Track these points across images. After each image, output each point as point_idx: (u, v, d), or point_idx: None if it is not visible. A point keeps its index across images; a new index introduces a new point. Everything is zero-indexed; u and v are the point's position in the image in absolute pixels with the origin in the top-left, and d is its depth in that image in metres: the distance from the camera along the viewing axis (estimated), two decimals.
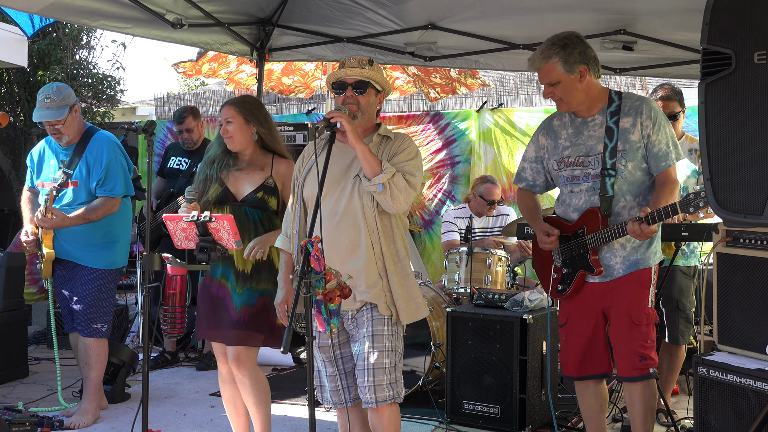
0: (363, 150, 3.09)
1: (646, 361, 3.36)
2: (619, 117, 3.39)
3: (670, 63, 5.41)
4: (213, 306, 3.76)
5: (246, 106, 3.80)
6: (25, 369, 5.77)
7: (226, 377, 3.83)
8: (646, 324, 3.37)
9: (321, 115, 8.64)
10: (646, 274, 3.41)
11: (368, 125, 3.31)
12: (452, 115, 8.19)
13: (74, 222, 4.52)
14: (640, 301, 3.39)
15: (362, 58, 3.27)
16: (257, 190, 3.75)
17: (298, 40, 5.87)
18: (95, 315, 4.66)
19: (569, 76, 3.38)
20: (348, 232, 3.15)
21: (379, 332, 3.15)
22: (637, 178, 3.40)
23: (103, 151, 4.61)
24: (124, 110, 12.76)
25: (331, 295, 2.73)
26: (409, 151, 3.22)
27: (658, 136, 3.35)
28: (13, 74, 9.79)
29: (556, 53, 3.37)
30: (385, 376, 3.14)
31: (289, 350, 6.14)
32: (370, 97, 3.26)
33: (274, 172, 3.80)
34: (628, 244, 3.40)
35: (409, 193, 3.13)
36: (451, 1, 5.02)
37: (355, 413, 3.37)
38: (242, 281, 3.72)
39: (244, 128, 3.77)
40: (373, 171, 3.08)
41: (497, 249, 5.67)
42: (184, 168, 6.10)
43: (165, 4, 4.87)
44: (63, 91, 4.54)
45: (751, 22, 2.66)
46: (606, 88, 3.51)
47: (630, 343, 3.37)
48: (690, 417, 4.33)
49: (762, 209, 2.67)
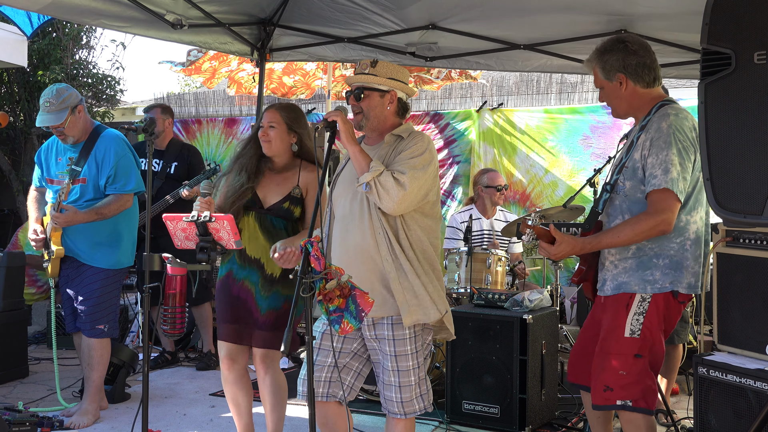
0: (353, 150, 3.09)
1: (610, 392, 3.14)
2: (641, 133, 3.18)
3: (671, 64, 5.41)
4: (234, 307, 3.75)
5: (292, 114, 3.80)
6: (25, 369, 5.76)
7: (228, 378, 3.83)
8: (617, 353, 3.14)
9: (321, 115, 8.64)
10: (625, 299, 3.18)
11: (383, 128, 3.25)
12: (452, 115, 8.20)
13: (86, 218, 4.51)
14: (615, 327, 3.18)
15: (365, 61, 3.24)
16: (284, 200, 3.75)
17: (298, 40, 5.87)
18: (100, 315, 4.66)
19: (609, 84, 3.25)
20: (354, 235, 3.13)
21: (402, 353, 3.12)
22: (638, 199, 3.18)
23: (111, 149, 4.61)
24: (124, 110, 12.75)
25: (331, 295, 2.72)
26: (413, 150, 3.11)
27: (652, 159, 3.10)
28: (13, 74, 9.79)
29: (596, 59, 3.27)
30: (413, 392, 3.15)
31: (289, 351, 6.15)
32: (371, 101, 3.21)
33: (302, 181, 3.79)
34: (619, 263, 3.22)
35: (398, 191, 2.99)
36: (451, 2, 5.02)
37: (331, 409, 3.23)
38: (269, 284, 3.72)
39: (284, 136, 3.77)
40: (361, 170, 3.08)
41: (497, 249, 5.68)
42: (158, 169, 6.02)
43: (165, 4, 4.87)
44: (63, 93, 4.52)
45: (751, 22, 2.66)
46: (659, 98, 3.24)
47: (597, 368, 3.21)
48: (690, 417, 4.34)
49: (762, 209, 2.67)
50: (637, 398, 3.12)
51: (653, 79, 3.24)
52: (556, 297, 5.64)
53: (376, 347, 3.17)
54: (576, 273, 3.47)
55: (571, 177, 7.64)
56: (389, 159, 3.14)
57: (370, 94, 3.21)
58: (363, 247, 3.11)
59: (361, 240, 3.12)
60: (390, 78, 3.22)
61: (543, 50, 5.51)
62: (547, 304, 4.76)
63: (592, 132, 7.61)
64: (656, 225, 3.06)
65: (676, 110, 3.17)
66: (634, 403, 3.12)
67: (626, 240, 3.11)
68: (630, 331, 3.14)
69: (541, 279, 6.86)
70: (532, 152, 7.84)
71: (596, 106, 7.69)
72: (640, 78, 3.22)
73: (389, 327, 3.12)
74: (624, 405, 3.13)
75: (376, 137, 3.28)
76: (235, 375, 3.82)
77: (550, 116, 7.84)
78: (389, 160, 3.14)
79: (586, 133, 7.62)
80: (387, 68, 3.24)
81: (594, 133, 7.59)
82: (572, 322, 6.82)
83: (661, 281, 3.15)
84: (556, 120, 7.79)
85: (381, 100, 3.22)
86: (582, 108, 7.79)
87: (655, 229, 3.07)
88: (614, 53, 3.23)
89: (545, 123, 7.83)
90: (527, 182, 7.86)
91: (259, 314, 3.71)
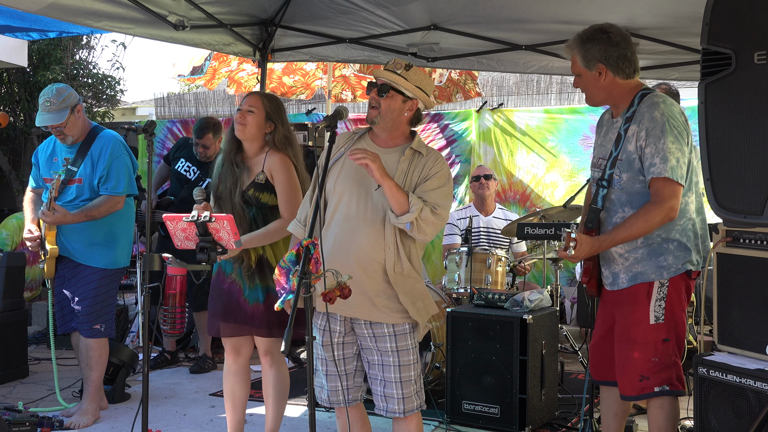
0: (390, 186, 3.02)
1: (647, 381, 3.21)
2: (630, 124, 3.19)
3: (670, 64, 5.41)
4: (225, 303, 3.77)
5: (274, 105, 3.80)
6: (25, 369, 5.77)
7: (231, 368, 3.86)
8: (645, 342, 3.21)
9: (321, 115, 8.65)
10: (644, 288, 3.23)
11: (396, 132, 3.22)
12: (452, 115, 8.19)
13: (77, 218, 4.51)
14: (638, 317, 3.22)
15: (401, 61, 3.20)
16: (248, 188, 3.75)
17: (300, 40, 5.87)
18: (97, 315, 4.66)
19: (588, 72, 3.26)
20: (361, 240, 3.12)
21: (404, 347, 3.16)
22: (637, 190, 3.20)
23: (107, 150, 4.60)
24: (124, 110, 12.76)
25: (331, 295, 2.73)
26: (441, 177, 3.13)
27: (650, 149, 3.12)
28: (13, 74, 9.79)
29: (576, 47, 3.27)
30: (412, 387, 3.19)
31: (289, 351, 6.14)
32: (393, 102, 3.16)
33: (266, 166, 3.77)
34: (629, 255, 3.25)
35: (437, 224, 3.08)
36: (453, 3, 5.01)
37: (354, 413, 3.35)
38: (251, 275, 3.73)
39: (261, 123, 3.76)
40: (401, 208, 3.02)
41: (497, 249, 5.68)
42: (192, 178, 6.02)
43: (167, 5, 4.86)
44: (63, 92, 4.52)
45: (751, 22, 2.66)
46: (638, 87, 3.28)
47: (627, 361, 3.24)
48: (690, 417, 4.33)
49: (762, 209, 2.67)
50: (673, 381, 3.23)
51: (633, 71, 3.27)
52: (556, 297, 5.63)
53: (373, 346, 3.18)
54: (584, 273, 3.48)
55: (571, 177, 7.64)
56: (411, 176, 3.13)
57: (394, 95, 3.17)
58: (370, 255, 3.11)
59: (368, 248, 3.11)
60: (417, 86, 3.18)
61: (544, 51, 5.50)
62: (547, 304, 4.76)
63: (592, 132, 7.52)
64: (666, 213, 3.12)
65: (662, 98, 3.21)
66: (672, 387, 3.23)
67: (640, 232, 3.15)
68: (654, 318, 3.22)
69: (541, 279, 6.85)
70: (532, 152, 7.84)
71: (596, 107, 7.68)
72: (621, 70, 3.24)
73: (389, 325, 3.15)
74: (662, 390, 3.22)
75: (386, 138, 3.24)
76: (238, 367, 3.86)
77: (550, 116, 7.84)
78: (412, 178, 3.13)
79: (586, 133, 7.61)
80: (418, 75, 3.20)
81: (594, 133, 7.58)
82: (572, 322, 6.82)
83: (675, 264, 3.23)
84: (556, 120, 7.79)
85: (402, 105, 3.19)
86: (582, 108, 7.79)
87: (666, 217, 3.13)
88: (596, 43, 3.23)
89: (545, 123, 7.83)
90: (527, 182, 7.85)
91: (247, 306, 3.73)
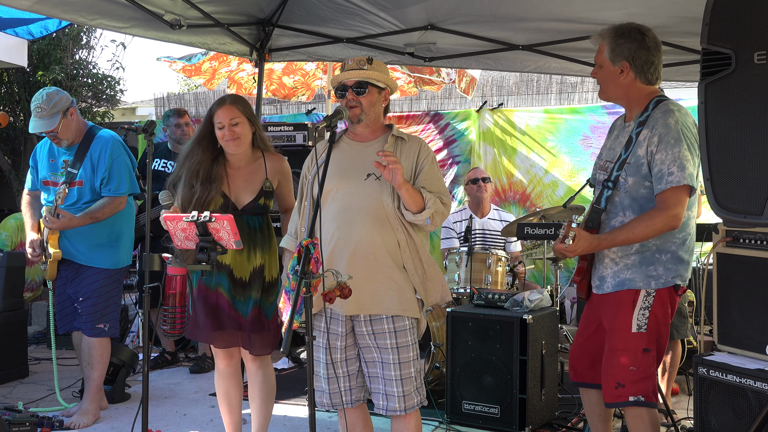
0: (408, 189, 3.11)
1: (622, 389, 3.15)
2: (642, 128, 3.16)
3: (670, 63, 5.41)
4: (216, 316, 3.70)
5: (247, 106, 3.76)
6: (25, 369, 5.77)
7: (224, 372, 3.84)
8: (624, 349, 3.16)
9: (321, 115, 8.64)
10: (630, 295, 3.18)
11: (376, 125, 3.32)
12: (452, 115, 8.19)
13: (82, 222, 4.52)
14: (620, 324, 3.18)
15: (361, 58, 3.27)
16: (258, 197, 3.72)
17: (297, 40, 5.87)
18: (100, 314, 4.66)
19: (611, 66, 3.23)
20: (359, 229, 3.14)
21: (403, 344, 3.17)
22: (641, 195, 3.17)
23: (107, 150, 4.60)
24: (124, 110, 12.75)
25: (331, 295, 2.73)
26: (431, 162, 3.25)
27: (661, 155, 3.08)
28: (13, 74, 9.79)
29: (608, 37, 3.24)
30: (412, 384, 3.19)
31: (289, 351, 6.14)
32: (371, 96, 3.25)
33: (269, 172, 3.75)
34: (620, 260, 3.22)
35: (446, 213, 3.21)
36: (449, 2, 5.01)
37: (356, 414, 3.35)
38: (241, 289, 3.69)
39: (248, 131, 3.72)
40: (418, 207, 3.13)
41: (498, 249, 5.68)
42: (170, 171, 6.03)
43: (163, 4, 4.85)
44: (53, 97, 4.49)
45: (751, 22, 2.66)
46: (654, 94, 3.25)
47: (607, 366, 3.23)
48: (690, 417, 4.33)
49: (762, 209, 2.67)
50: (648, 393, 3.17)
51: (655, 78, 3.26)
52: (556, 297, 5.64)
53: (372, 344, 3.18)
54: (577, 272, 3.48)
55: (571, 177, 7.64)
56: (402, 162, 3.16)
57: (371, 89, 3.25)
58: (375, 241, 3.14)
59: (371, 235, 3.14)
60: (385, 75, 3.29)
61: (541, 51, 5.51)
62: (547, 304, 4.75)
63: (592, 132, 7.61)
64: (669, 221, 3.08)
65: (677, 106, 3.19)
66: (647, 398, 3.16)
67: (640, 237, 3.12)
68: (637, 326, 3.17)
69: (541, 279, 6.85)
70: (532, 152, 7.84)
71: (596, 107, 7.68)
72: (643, 74, 3.23)
73: (389, 321, 3.15)
74: (637, 401, 3.16)
75: (368, 134, 3.31)
76: (231, 369, 3.85)
77: (550, 116, 7.84)
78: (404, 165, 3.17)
79: (586, 133, 7.61)
80: (381, 66, 3.32)
81: (594, 133, 7.58)
82: (572, 322, 6.82)
83: (665, 276, 3.18)
84: (556, 120, 7.79)
85: (379, 97, 3.28)
86: (582, 108, 7.79)
87: (668, 225, 3.09)
88: (629, 40, 3.21)
89: (545, 123, 7.82)
90: (527, 182, 7.85)
91: (242, 319, 3.68)
